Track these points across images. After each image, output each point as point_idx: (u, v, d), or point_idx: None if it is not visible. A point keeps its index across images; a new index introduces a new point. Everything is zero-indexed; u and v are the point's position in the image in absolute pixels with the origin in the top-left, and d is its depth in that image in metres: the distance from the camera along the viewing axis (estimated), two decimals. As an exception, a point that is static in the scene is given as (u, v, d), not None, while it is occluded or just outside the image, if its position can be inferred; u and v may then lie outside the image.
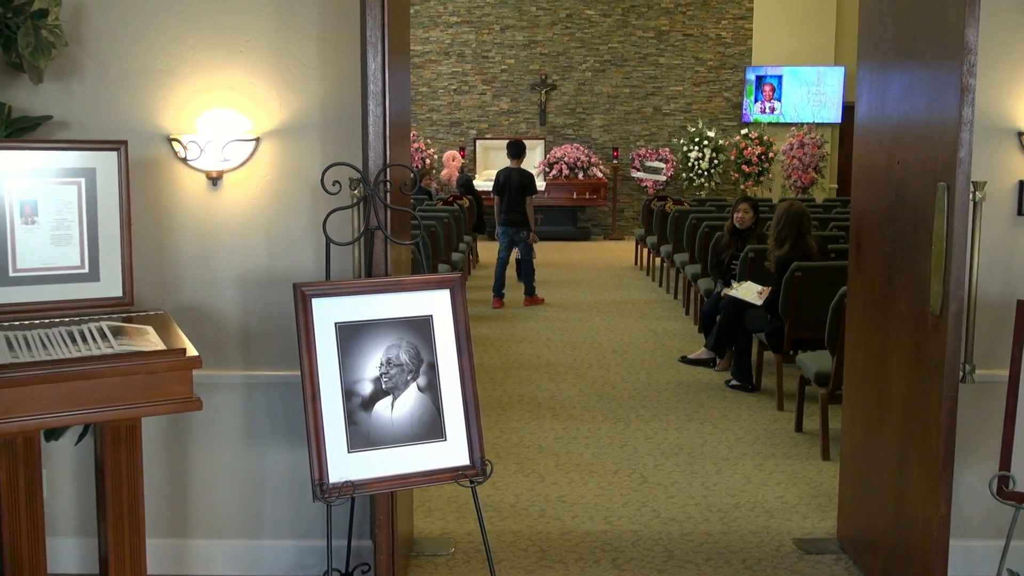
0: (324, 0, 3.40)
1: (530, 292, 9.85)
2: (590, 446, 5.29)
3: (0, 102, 3.26)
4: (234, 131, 3.41)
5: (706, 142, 15.37)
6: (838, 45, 15.90)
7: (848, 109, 15.49)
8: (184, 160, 3.42)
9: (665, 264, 10.64)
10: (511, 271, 10.75)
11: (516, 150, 9.88)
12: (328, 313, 2.94)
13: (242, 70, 3.43)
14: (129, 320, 2.87)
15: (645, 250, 12.09)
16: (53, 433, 3.27)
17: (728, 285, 6.86)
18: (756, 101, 16.13)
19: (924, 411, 3.10)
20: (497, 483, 4.68)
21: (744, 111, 16.19)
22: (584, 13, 16.39)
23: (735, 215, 7.31)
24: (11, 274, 2.83)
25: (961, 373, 3.02)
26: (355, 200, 3.20)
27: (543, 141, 16.22)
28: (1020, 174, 3.49)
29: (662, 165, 15.83)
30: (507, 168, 9.92)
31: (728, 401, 6.21)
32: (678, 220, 9.95)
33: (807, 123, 15.45)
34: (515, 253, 10.35)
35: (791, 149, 14.92)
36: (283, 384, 3.51)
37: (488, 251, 13.28)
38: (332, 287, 2.97)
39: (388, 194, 3.17)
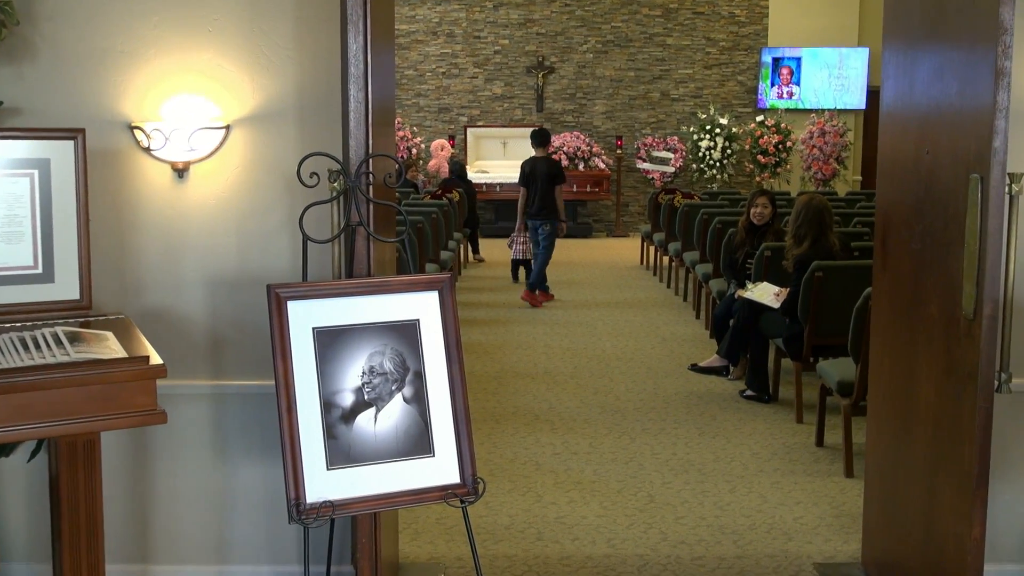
0: (301, -25, 3.40)
1: (532, 288, 9.92)
2: (592, 462, 5.29)
3: (-55, 86, 3.26)
4: (202, 118, 3.41)
5: (718, 130, 15.39)
6: (862, 24, 15.94)
7: (873, 94, 15.52)
8: (147, 150, 3.42)
9: (673, 263, 10.65)
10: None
11: (541, 138, 10.16)
12: (305, 317, 2.93)
13: (211, 51, 3.43)
14: (87, 325, 2.87)
15: (652, 248, 12.10)
16: (3, 449, 3.27)
17: (742, 286, 6.87)
18: (773, 85, 16.15)
19: (956, 424, 3.11)
20: (490, 503, 4.68)
21: (759, 96, 16.21)
22: (585, -11, 16.42)
23: (752, 210, 7.31)
24: (-43, 275, 2.82)
25: (996, 382, 3.02)
26: (335, 193, 3.19)
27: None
28: (1060, 165, 3.50)
29: (670, 155, 15.85)
30: (533, 157, 10.19)
31: (742, 413, 6.22)
32: (688, 215, 9.96)
33: (828, 109, 15.47)
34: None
35: (811, 138, 14.95)
36: (256, 395, 3.51)
37: (486, 251, 13.27)
38: (309, 289, 2.96)
39: (371, 187, 3.17)
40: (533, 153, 10.15)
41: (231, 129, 3.46)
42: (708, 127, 15.45)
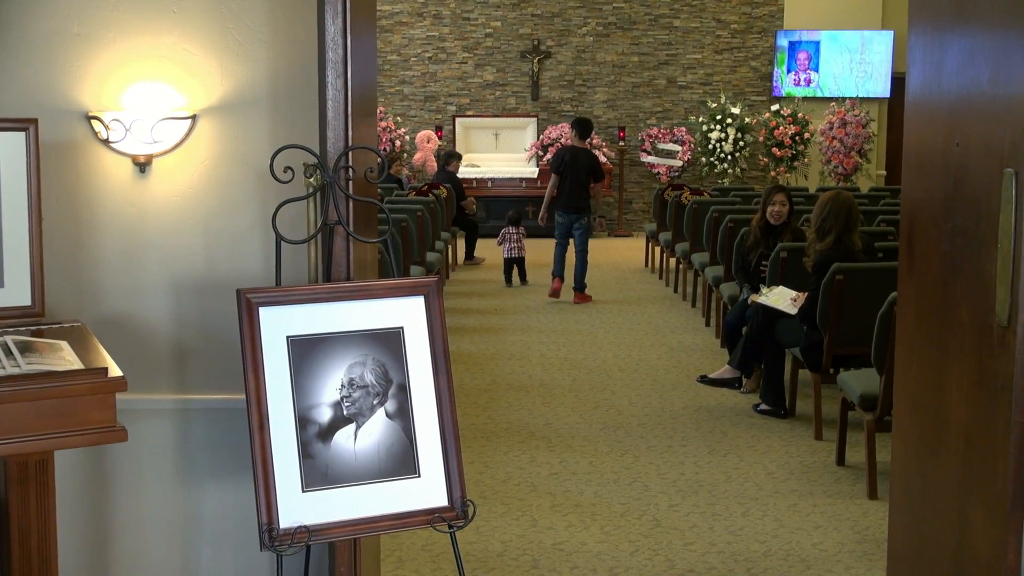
0: (274, -49, 3.40)
1: (581, 288, 10.42)
2: (592, 483, 5.30)
3: None
4: (166, 107, 3.41)
5: (730, 120, 15.44)
6: (886, 5, 16.00)
7: (898, 81, 15.58)
8: (106, 142, 3.41)
9: (681, 265, 10.68)
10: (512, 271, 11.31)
11: (584, 128, 10.54)
12: (279, 325, 2.93)
13: (176, 34, 3.43)
14: (39, 334, 2.86)
15: (657, 249, 12.13)
16: (-52, 470, 3.25)
17: (756, 291, 6.89)
18: (789, 72, 16.20)
19: (989, 441, 3.11)
20: (481, 528, 4.68)
21: (775, 83, 16.26)
22: (584, -33, 16.45)
23: (769, 208, 7.33)
24: None
25: (1032, 395, 3.02)
26: (311, 190, 3.19)
27: (535, 119, 16.27)
28: (1101, 159, 3.51)
29: (678, 148, 15.88)
30: (572, 147, 10.51)
31: (756, 429, 6.23)
32: (696, 213, 9.99)
33: (849, 98, 15.52)
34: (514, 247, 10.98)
35: (831, 129, 14.99)
36: (224, 410, 3.50)
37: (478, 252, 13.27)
38: (283, 293, 2.96)
39: (350, 182, 3.17)
40: (572, 141, 10.55)
41: (197, 119, 3.46)
42: (719, 117, 15.50)
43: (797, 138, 15.36)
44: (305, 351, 2.94)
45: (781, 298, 6.54)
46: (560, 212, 10.52)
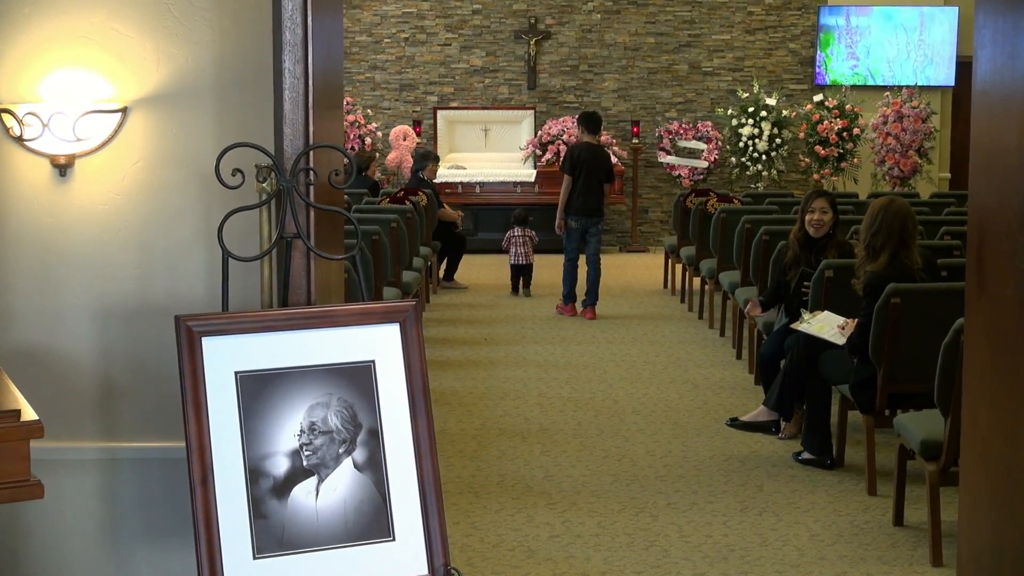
0: (221, -87, 3.42)
1: (595, 300, 10.85)
2: (601, 548, 5.28)
3: None
4: (91, 99, 3.41)
5: (764, 113, 15.47)
6: (949, -24, 16.09)
7: (964, 67, 15.64)
8: (19, 140, 3.41)
9: (706, 286, 10.68)
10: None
11: (594, 123, 10.92)
12: (226, 358, 2.93)
13: (103, 12, 3.44)
14: (-61, 369, 2.85)
15: (678, 266, 12.13)
16: None
17: (797, 316, 6.89)
18: (835, 56, 16.27)
19: (1075, 496, 3.11)
20: (468, 602, 4.66)
21: (818, 70, 16.32)
22: (590, -69, 16.53)
23: (807, 216, 7.35)
24: None
25: None
26: (265, 196, 3.20)
27: (532, 112, 16.28)
28: None
29: (703, 146, 15.92)
30: (585, 143, 10.88)
31: (798, 483, 6.22)
32: (725, 224, 9.99)
33: (907, 86, 15.58)
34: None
35: (884, 123, 15.04)
36: (160, 460, 3.49)
37: (462, 272, 13.28)
38: (231, 321, 2.96)
39: (312, 188, 3.17)
40: (582, 138, 10.84)
41: (129, 112, 3.46)
42: (751, 109, 15.53)
43: (845, 134, 15.39)
44: (257, 390, 2.94)
45: (826, 325, 6.54)
46: (574, 217, 10.71)
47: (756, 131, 15.47)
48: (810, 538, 5.42)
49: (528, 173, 15.67)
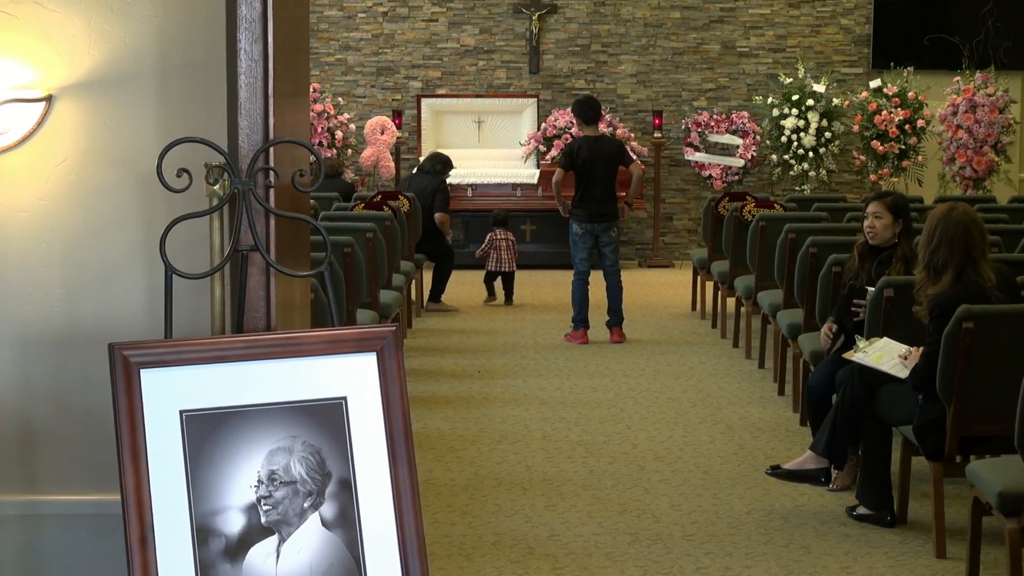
0: None
1: (619, 320, 11.09)
2: (618, 621, 5.27)
3: None
4: (8, 85, 3.41)
5: (811, 102, 15.50)
6: (1029, -60, 16.14)
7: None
8: (-76, 134, 3.41)
9: (743, 308, 10.68)
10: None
11: (589, 110, 10.94)
12: (169, 394, 2.92)
13: (24, -18, 3.44)
14: None
15: (708, 284, 12.14)
16: None
17: (850, 344, 6.87)
18: (895, 33, 16.30)
19: None
20: None
21: (874, 51, 16.35)
22: None
23: (864, 222, 7.35)
24: None
25: None
26: (216, 201, 3.19)
27: (535, 100, 16.32)
28: None
29: (738, 141, 15.94)
30: (585, 138, 10.87)
31: (852, 542, 6.21)
32: (764, 234, 9.98)
33: (981, 71, 15.61)
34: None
35: (954, 114, 15.07)
36: (92, 516, 3.49)
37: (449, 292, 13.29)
38: (176, 349, 2.96)
39: (272, 191, 3.16)
40: (580, 132, 10.98)
41: (55, 101, 3.46)
42: (795, 98, 15.56)
43: (907, 127, 15.42)
44: (207, 432, 2.93)
45: (885, 355, 6.52)
46: (581, 223, 10.73)
47: (801, 123, 15.49)
48: (867, 609, 5.41)
49: (529, 173, 15.66)
